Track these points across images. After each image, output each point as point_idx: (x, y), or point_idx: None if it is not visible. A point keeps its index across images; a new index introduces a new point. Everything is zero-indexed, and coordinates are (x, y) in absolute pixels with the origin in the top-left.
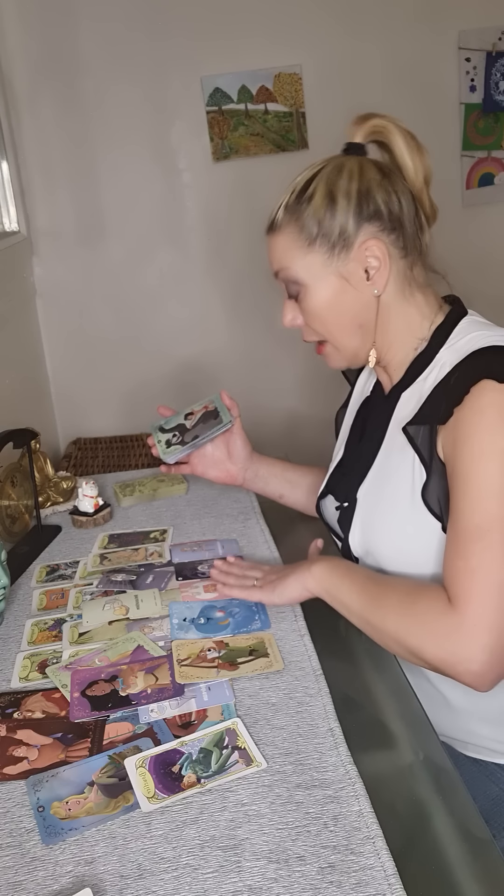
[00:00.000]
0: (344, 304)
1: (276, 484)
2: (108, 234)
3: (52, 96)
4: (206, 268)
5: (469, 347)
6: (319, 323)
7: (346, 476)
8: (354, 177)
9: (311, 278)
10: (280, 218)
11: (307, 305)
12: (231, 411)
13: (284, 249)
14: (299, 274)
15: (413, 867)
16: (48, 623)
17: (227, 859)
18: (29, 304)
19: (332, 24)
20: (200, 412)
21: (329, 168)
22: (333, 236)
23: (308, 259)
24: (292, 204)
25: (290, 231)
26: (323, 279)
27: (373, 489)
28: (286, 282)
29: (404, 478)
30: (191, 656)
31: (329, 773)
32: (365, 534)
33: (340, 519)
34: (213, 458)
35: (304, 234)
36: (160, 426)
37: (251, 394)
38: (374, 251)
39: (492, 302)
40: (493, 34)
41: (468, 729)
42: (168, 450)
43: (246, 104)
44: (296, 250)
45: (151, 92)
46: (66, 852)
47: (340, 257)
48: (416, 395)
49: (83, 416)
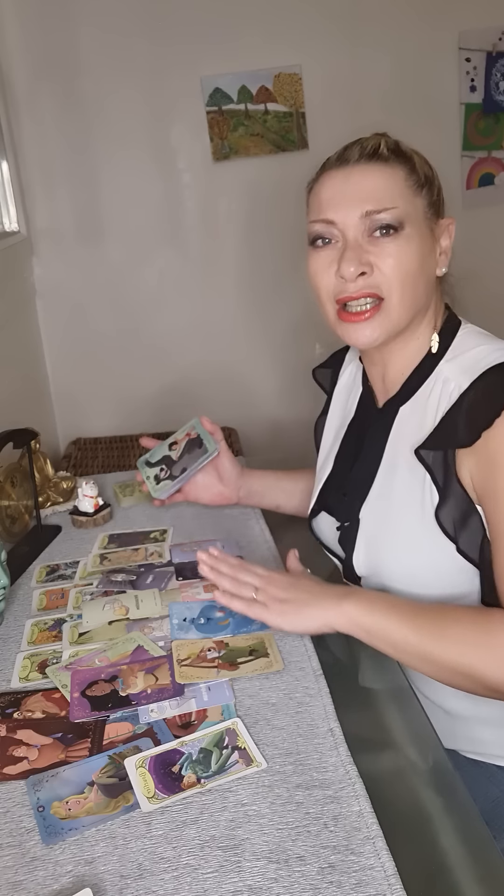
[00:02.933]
0: (427, 264)
1: (271, 496)
2: (108, 234)
3: (52, 97)
4: (206, 268)
5: (478, 363)
6: (401, 272)
7: (347, 496)
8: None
9: (414, 221)
10: (386, 153)
11: (396, 248)
12: (214, 436)
13: (394, 184)
14: (406, 212)
15: (413, 867)
16: (48, 623)
17: (227, 859)
18: (29, 304)
19: (332, 24)
20: (184, 440)
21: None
22: (434, 195)
23: (416, 201)
24: (394, 149)
25: (401, 167)
26: (422, 227)
27: (377, 509)
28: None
29: (413, 498)
30: (191, 656)
31: (329, 773)
32: (370, 554)
33: (342, 538)
34: (205, 483)
35: (413, 177)
36: (146, 460)
37: (251, 393)
38: (452, 230)
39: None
40: (493, 34)
41: (469, 736)
42: (158, 486)
43: (246, 104)
44: (406, 188)
45: (151, 92)
46: (66, 852)
47: (434, 218)
48: (420, 412)
49: (83, 416)
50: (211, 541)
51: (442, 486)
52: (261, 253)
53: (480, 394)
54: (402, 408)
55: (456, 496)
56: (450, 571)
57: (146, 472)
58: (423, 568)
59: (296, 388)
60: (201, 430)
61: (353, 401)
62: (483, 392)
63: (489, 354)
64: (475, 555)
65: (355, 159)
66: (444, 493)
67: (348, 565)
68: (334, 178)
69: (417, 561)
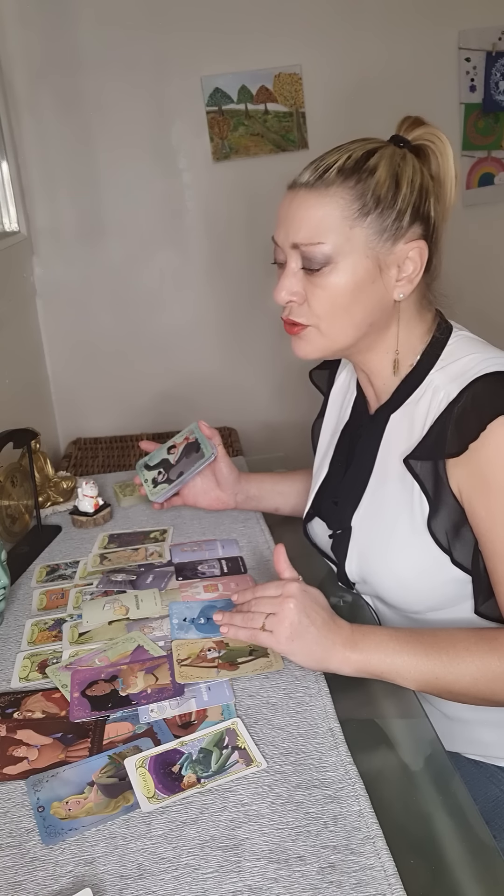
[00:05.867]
0: (366, 294)
1: (268, 500)
2: (108, 234)
3: (52, 96)
4: (206, 267)
5: (467, 372)
6: (329, 304)
7: (339, 504)
8: (417, 171)
9: (347, 256)
10: (331, 177)
11: (327, 282)
12: (212, 441)
13: (325, 217)
14: (335, 249)
15: (413, 867)
16: (48, 623)
17: (227, 859)
18: (29, 304)
19: (332, 23)
20: (182, 445)
21: (389, 150)
22: (388, 221)
23: (352, 233)
24: (349, 169)
25: (342, 195)
26: (358, 260)
27: (368, 517)
28: (309, 255)
29: (403, 507)
30: (191, 656)
31: (329, 773)
32: (362, 562)
33: (334, 546)
34: (203, 487)
35: (356, 204)
36: (145, 463)
37: (251, 393)
38: (417, 255)
39: (492, 302)
40: (493, 34)
41: (470, 738)
42: (155, 490)
43: (246, 104)
44: (341, 221)
45: (151, 92)
46: (66, 852)
47: (385, 246)
48: (409, 420)
49: (83, 416)
50: (211, 541)
51: (432, 496)
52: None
53: (469, 404)
54: (392, 415)
55: (447, 506)
56: (443, 581)
57: (144, 475)
58: (416, 577)
59: (295, 389)
60: (199, 435)
61: (348, 405)
62: (471, 402)
63: (479, 363)
64: (469, 564)
65: (303, 182)
66: (434, 504)
67: (342, 572)
68: (285, 200)
69: (409, 570)
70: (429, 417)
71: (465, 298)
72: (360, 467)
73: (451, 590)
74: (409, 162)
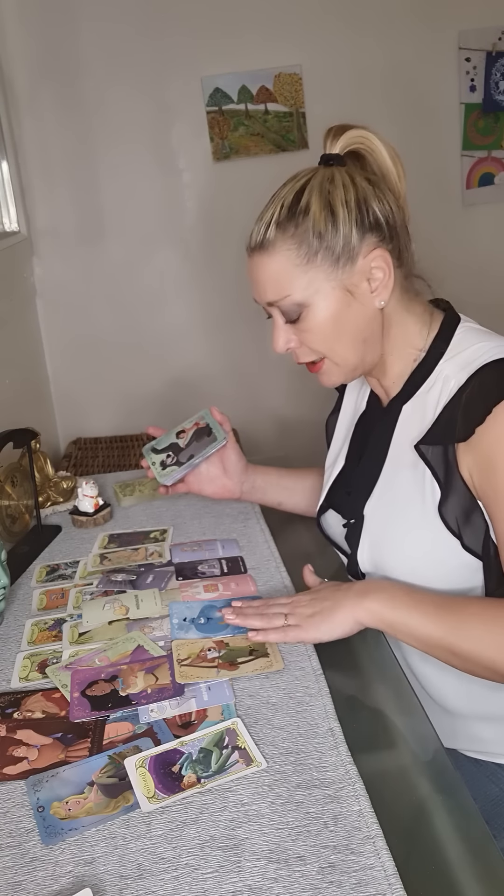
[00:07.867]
0: (348, 318)
1: (273, 493)
2: (108, 234)
3: (53, 96)
4: (206, 267)
5: (476, 360)
6: (321, 340)
7: (351, 494)
8: (349, 187)
9: (315, 295)
10: (271, 236)
11: (310, 324)
12: (223, 427)
13: (281, 272)
14: (302, 295)
15: (413, 867)
16: (48, 623)
17: (227, 859)
18: (29, 304)
19: (332, 24)
20: (192, 429)
21: (318, 179)
22: (337, 249)
23: (309, 276)
24: (284, 219)
25: (286, 248)
26: (327, 294)
27: (381, 505)
28: (284, 309)
29: (415, 494)
30: (191, 656)
31: (329, 773)
32: (374, 551)
33: (348, 536)
34: (209, 475)
35: (302, 249)
36: (152, 447)
37: (251, 393)
38: (380, 262)
39: (492, 301)
40: (493, 34)
41: (470, 734)
42: (164, 472)
43: (246, 104)
44: (294, 269)
45: (151, 92)
46: (66, 852)
47: (345, 270)
48: (420, 409)
49: (83, 416)
50: (211, 541)
51: (443, 481)
52: None
53: (475, 390)
54: (404, 406)
55: (458, 492)
56: (453, 567)
57: (152, 458)
58: (427, 564)
59: (296, 390)
60: (211, 420)
61: (363, 397)
62: (478, 388)
63: (487, 351)
64: (479, 549)
65: (253, 246)
66: (445, 489)
67: (353, 562)
68: (248, 265)
69: (421, 557)
70: (439, 405)
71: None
72: (373, 457)
73: (462, 575)
74: (338, 182)
